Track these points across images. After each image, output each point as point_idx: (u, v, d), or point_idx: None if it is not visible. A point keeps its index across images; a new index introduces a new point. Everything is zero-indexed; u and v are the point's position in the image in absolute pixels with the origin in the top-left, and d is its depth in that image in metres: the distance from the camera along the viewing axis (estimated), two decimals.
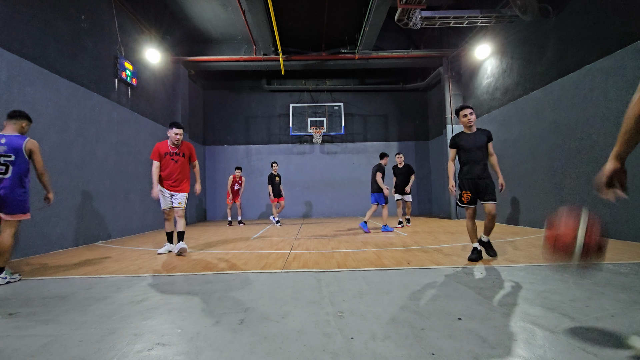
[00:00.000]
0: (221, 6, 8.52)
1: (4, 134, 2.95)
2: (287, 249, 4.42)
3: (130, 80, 6.84)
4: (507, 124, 7.27)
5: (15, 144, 2.92)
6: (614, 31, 4.69)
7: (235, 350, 1.49)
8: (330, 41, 10.29)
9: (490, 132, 3.54)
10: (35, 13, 4.64)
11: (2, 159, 2.86)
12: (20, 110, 3.14)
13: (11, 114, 3.07)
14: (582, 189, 5.26)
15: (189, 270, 3.18)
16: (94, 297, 2.38)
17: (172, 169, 4.13)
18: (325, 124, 11.18)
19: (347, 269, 3.08)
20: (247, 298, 2.28)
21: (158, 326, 1.80)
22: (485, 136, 3.48)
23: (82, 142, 5.45)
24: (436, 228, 6.81)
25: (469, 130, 3.52)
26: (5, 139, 2.90)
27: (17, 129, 3.04)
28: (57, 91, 4.97)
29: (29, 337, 1.70)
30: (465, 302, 2.08)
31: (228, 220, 8.88)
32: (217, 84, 11.70)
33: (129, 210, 6.80)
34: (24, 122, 3.11)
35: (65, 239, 4.99)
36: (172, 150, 4.14)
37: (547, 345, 1.46)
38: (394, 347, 1.49)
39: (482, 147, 3.44)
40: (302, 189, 11.56)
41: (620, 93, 4.60)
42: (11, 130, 3.00)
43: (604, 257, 1.33)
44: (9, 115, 3.06)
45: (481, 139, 3.45)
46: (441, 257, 3.56)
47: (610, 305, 1.96)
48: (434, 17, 6.85)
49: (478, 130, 3.52)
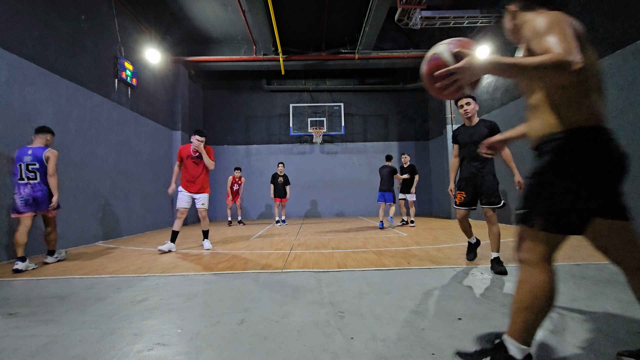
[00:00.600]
0: (221, 6, 8.52)
1: (31, 146, 3.66)
2: (287, 249, 4.42)
3: (130, 80, 6.84)
4: (507, 124, 7.27)
5: (38, 154, 3.60)
6: (614, 31, 4.69)
7: (235, 350, 1.49)
8: (330, 41, 10.29)
9: (494, 124, 3.06)
10: (35, 13, 4.64)
11: (30, 167, 3.55)
12: (44, 125, 3.84)
13: (37, 129, 3.75)
14: None
15: (189, 270, 3.18)
16: (94, 297, 2.38)
17: (192, 171, 4.44)
18: (325, 124, 11.18)
19: (347, 269, 3.08)
20: (247, 298, 2.28)
21: (158, 326, 1.80)
22: (487, 128, 3.03)
23: (82, 142, 5.45)
24: (436, 228, 6.81)
25: (469, 122, 3.17)
26: (31, 151, 3.60)
27: (43, 142, 3.73)
28: (57, 91, 4.97)
29: (29, 337, 1.70)
30: (465, 302, 2.08)
31: (228, 220, 8.89)
32: (217, 84, 11.70)
33: (129, 210, 6.79)
34: (48, 136, 3.78)
35: (65, 239, 4.99)
36: (193, 154, 4.46)
37: (547, 345, 1.46)
38: (394, 347, 1.49)
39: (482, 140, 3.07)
40: (302, 189, 11.56)
41: (620, 93, 4.59)
42: (38, 143, 3.70)
43: None
44: (36, 130, 3.74)
45: (481, 132, 3.03)
46: (441, 257, 3.56)
47: (610, 305, 1.96)
48: (434, 17, 6.85)
49: (480, 122, 3.11)
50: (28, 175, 3.54)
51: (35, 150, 3.60)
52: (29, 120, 4.45)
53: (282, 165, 8.42)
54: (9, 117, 4.16)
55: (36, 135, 3.72)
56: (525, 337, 1.16)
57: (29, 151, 3.58)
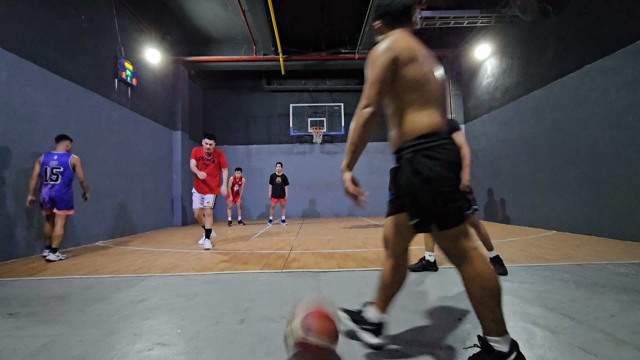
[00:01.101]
0: (221, 6, 8.52)
1: (56, 152, 4.14)
2: (287, 249, 4.42)
3: (130, 80, 6.83)
4: (507, 124, 7.27)
5: (64, 159, 4.12)
6: (614, 31, 4.69)
7: (235, 350, 1.49)
8: (330, 41, 10.28)
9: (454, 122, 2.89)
10: (35, 13, 4.64)
11: (55, 170, 4.04)
12: (63, 134, 4.33)
13: (58, 137, 4.22)
14: (582, 189, 5.26)
15: (189, 270, 3.18)
16: (94, 297, 2.38)
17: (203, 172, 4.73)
18: (325, 124, 11.18)
19: (347, 269, 3.08)
20: (247, 298, 2.28)
21: (158, 326, 1.80)
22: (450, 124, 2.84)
23: (82, 142, 5.44)
24: None
25: None
26: (57, 156, 4.10)
27: (64, 148, 4.23)
28: (57, 91, 4.97)
29: (29, 337, 1.70)
30: (465, 302, 2.08)
31: (228, 220, 8.89)
32: (217, 84, 11.69)
33: (129, 210, 6.79)
34: (68, 142, 4.27)
35: (66, 239, 4.99)
36: (205, 156, 4.76)
37: (547, 345, 1.46)
38: (394, 347, 1.49)
39: None
40: (302, 189, 11.56)
41: (620, 93, 4.59)
42: (61, 149, 4.19)
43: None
44: (56, 139, 4.23)
45: None
46: (441, 257, 3.56)
47: (610, 305, 1.96)
48: (434, 17, 6.85)
49: None
50: (51, 177, 4.04)
51: (60, 155, 4.12)
52: (29, 120, 4.45)
53: (279, 165, 8.44)
54: (9, 117, 4.16)
55: (58, 143, 4.21)
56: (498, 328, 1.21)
57: (54, 157, 4.10)
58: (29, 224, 4.37)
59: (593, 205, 5.05)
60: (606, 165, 4.83)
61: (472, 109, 8.91)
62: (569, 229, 5.49)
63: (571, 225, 5.46)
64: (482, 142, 8.33)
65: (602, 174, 4.90)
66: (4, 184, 4.03)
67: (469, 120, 9.06)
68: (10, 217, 4.10)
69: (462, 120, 9.34)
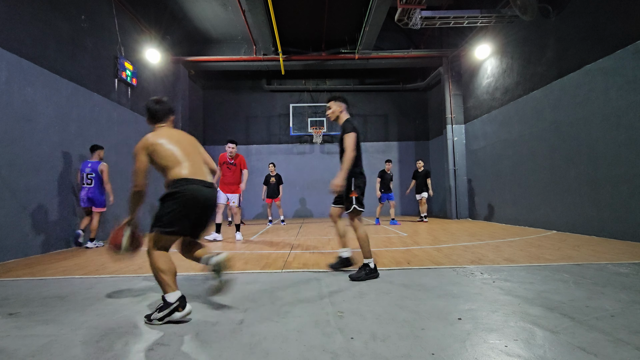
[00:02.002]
0: (221, 6, 8.52)
1: (90, 160, 5.03)
2: (287, 249, 4.42)
3: (130, 80, 6.83)
4: (507, 124, 7.27)
5: (95, 167, 4.98)
6: (614, 31, 4.69)
7: (235, 350, 1.49)
8: (330, 41, 10.29)
9: (345, 123, 2.91)
10: (35, 13, 4.64)
11: (89, 176, 4.95)
12: (97, 144, 5.16)
13: (92, 147, 5.09)
14: (582, 189, 5.26)
15: (189, 270, 3.17)
16: (94, 297, 2.38)
17: (228, 175, 5.39)
18: (325, 124, 11.17)
19: (347, 269, 3.08)
20: (247, 298, 2.28)
21: (158, 326, 1.80)
22: (341, 128, 2.89)
23: (82, 142, 5.44)
24: (436, 228, 6.81)
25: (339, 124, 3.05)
26: (90, 164, 4.98)
27: (97, 157, 5.08)
28: (57, 91, 4.97)
29: (29, 337, 1.70)
30: (465, 302, 2.08)
31: (228, 220, 8.88)
32: (217, 84, 11.69)
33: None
34: (100, 151, 5.12)
35: (66, 238, 4.99)
36: (229, 161, 5.37)
37: (547, 345, 1.46)
38: (394, 347, 1.49)
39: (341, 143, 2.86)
40: (302, 189, 11.56)
41: (620, 93, 4.59)
42: (94, 158, 5.07)
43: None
44: (91, 149, 5.10)
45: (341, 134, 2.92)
46: (441, 257, 3.56)
47: (610, 305, 1.96)
48: (434, 17, 6.85)
49: (345, 122, 2.98)
50: (86, 181, 4.94)
51: (93, 164, 5.00)
52: (29, 120, 4.45)
53: (272, 165, 8.55)
54: (9, 117, 4.16)
55: (92, 153, 5.07)
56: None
57: (88, 164, 4.98)
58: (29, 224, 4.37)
59: (593, 205, 5.05)
60: (606, 165, 4.83)
61: (472, 109, 8.91)
62: (569, 229, 5.49)
63: (571, 225, 5.46)
64: (482, 142, 8.33)
65: (602, 174, 4.90)
66: (3, 183, 4.03)
67: (469, 120, 9.05)
68: (10, 216, 4.10)
69: (462, 120, 9.33)
